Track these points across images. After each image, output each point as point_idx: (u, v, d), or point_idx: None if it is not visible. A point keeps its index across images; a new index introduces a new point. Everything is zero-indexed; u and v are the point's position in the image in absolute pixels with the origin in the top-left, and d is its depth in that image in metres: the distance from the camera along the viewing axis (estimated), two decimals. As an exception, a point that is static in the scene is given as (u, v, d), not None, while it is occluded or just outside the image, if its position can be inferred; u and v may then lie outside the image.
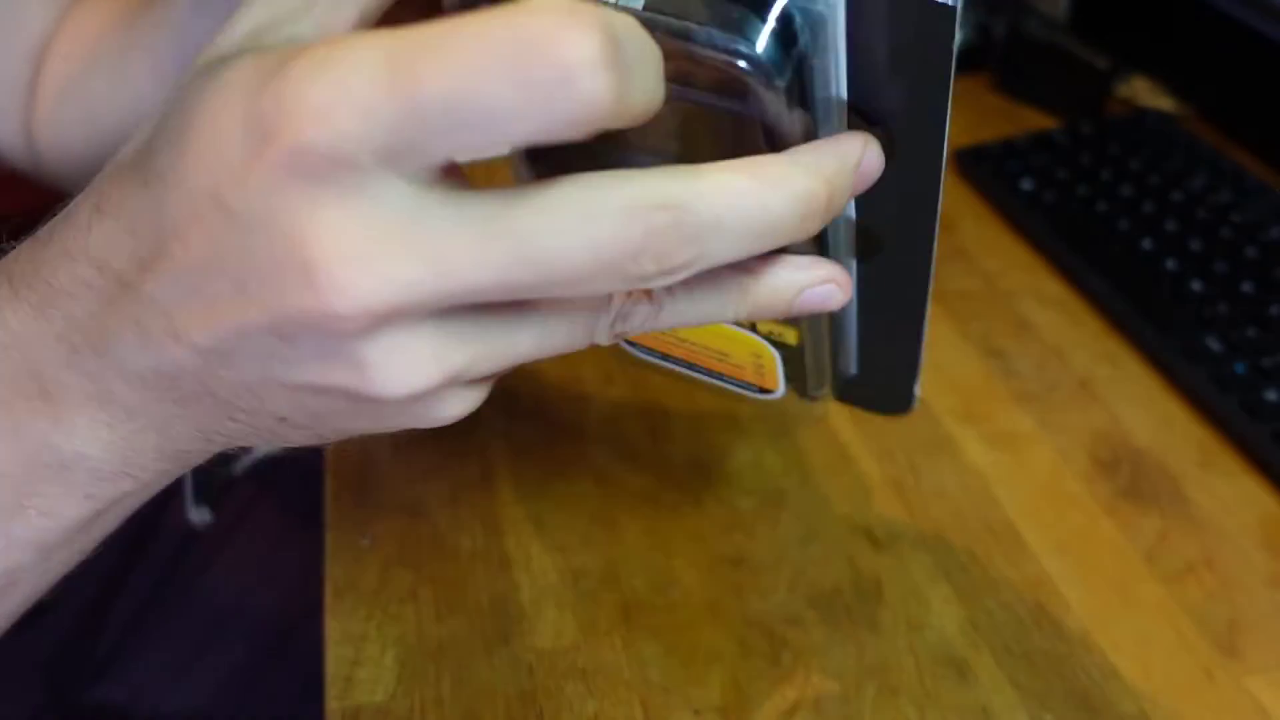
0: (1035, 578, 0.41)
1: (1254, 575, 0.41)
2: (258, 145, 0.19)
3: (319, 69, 0.19)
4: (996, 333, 0.53)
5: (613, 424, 0.48)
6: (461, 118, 0.18)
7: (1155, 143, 0.63)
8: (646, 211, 0.20)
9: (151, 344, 0.23)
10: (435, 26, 0.18)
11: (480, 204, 0.20)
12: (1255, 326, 0.51)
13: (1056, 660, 0.38)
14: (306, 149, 0.19)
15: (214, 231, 0.21)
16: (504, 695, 0.37)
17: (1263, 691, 0.37)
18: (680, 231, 0.21)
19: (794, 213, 0.22)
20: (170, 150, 0.21)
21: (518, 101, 0.18)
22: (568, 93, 0.18)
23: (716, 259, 0.22)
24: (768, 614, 0.40)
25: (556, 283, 0.20)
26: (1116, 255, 0.56)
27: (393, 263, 0.20)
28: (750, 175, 0.22)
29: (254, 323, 0.21)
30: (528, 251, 0.20)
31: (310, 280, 0.20)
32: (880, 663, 0.38)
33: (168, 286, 0.22)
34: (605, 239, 0.20)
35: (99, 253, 0.23)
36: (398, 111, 0.18)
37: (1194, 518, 0.44)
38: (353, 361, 0.21)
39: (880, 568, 0.41)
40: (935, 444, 0.47)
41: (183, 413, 0.24)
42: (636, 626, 0.39)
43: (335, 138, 0.18)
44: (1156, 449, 0.47)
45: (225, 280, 0.21)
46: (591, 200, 0.20)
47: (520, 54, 0.17)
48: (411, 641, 0.39)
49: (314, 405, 0.23)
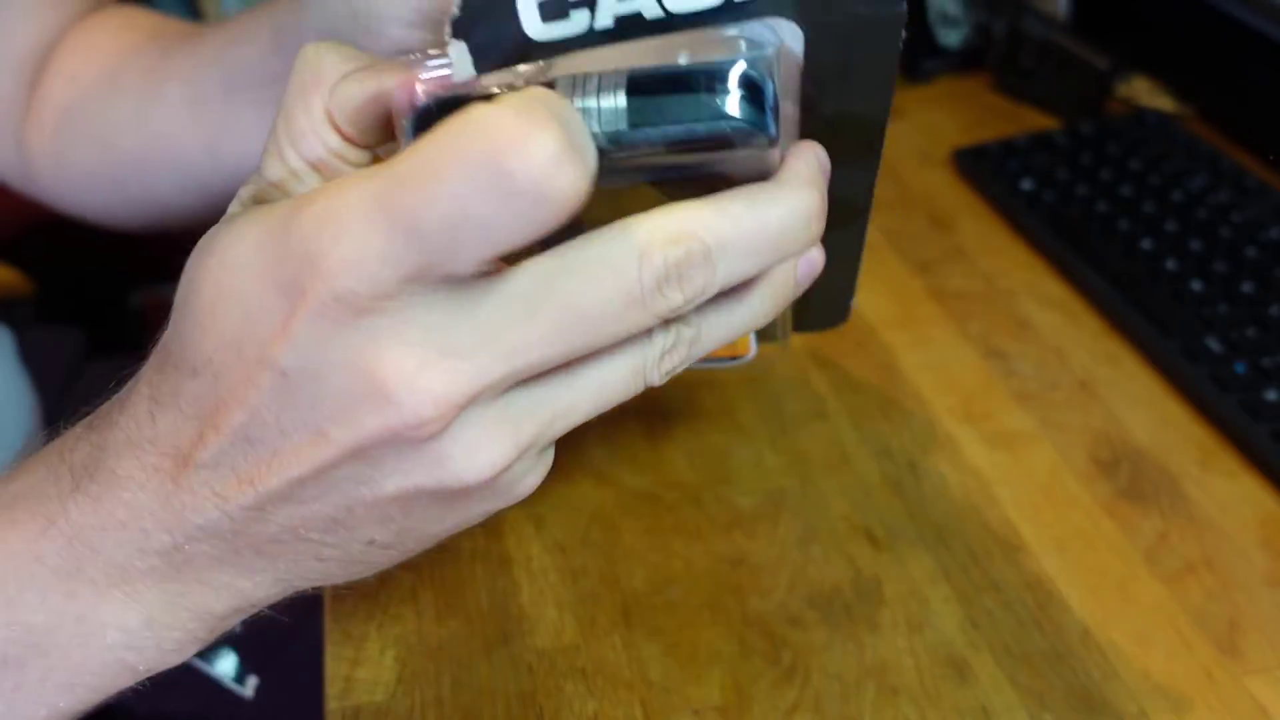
0: (1035, 577, 0.41)
1: (1254, 575, 0.41)
2: (292, 305, 0.21)
3: (325, 225, 0.20)
4: (996, 333, 0.53)
5: (612, 424, 0.48)
6: (461, 236, 0.20)
7: (1155, 143, 0.63)
8: (660, 248, 0.22)
9: (227, 505, 0.24)
10: (412, 157, 0.19)
11: (516, 281, 0.22)
12: (1255, 326, 0.51)
13: (1056, 660, 0.38)
14: (343, 295, 0.20)
15: (268, 389, 0.22)
16: (504, 695, 0.37)
17: (1263, 691, 0.37)
18: (693, 259, 0.22)
19: (796, 222, 0.24)
20: (204, 337, 0.23)
21: (504, 213, 0.19)
22: (545, 193, 0.19)
23: (735, 276, 0.24)
24: (768, 614, 0.40)
25: (601, 332, 0.22)
26: (1116, 255, 0.56)
27: (457, 358, 0.21)
28: (740, 199, 0.23)
29: (331, 455, 0.22)
30: (570, 312, 0.22)
31: (388, 399, 0.21)
32: (880, 663, 0.38)
33: (230, 448, 0.23)
34: (632, 282, 0.22)
35: (165, 440, 0.24)
36: (407, 248, 0.20)
37: (1194, 517, 0.44)
38: (435, 459, 0.23)
39: (880, 568, 0.41)
40: (935, 444, 0.47)
41: (264, 564, 0.25)
42: (636, 626, 0.39)
43: (364, 282, 0.20)
44: (1156, 449, 0.47)
45: (288, 427, 0.22)
46: (614, 251, 0.22)
47: (492, 171, 0.19)
48: (411, 641, 0.39)
49: (401, 516, 0.25)
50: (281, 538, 0.25)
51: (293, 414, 0.22)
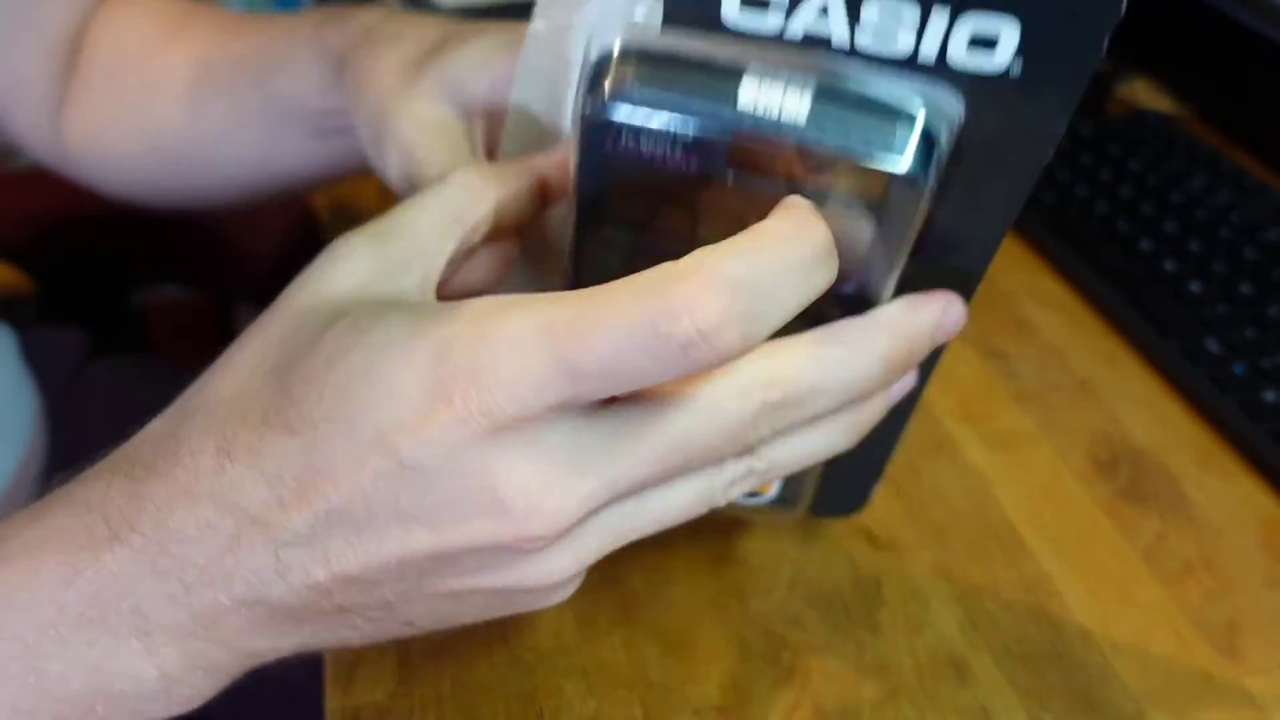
0: (1034, 578, 0.41)
1: (1253, 576, 0.41)
2: (434, 404, 0.22)
3: (493, 345, 0.22)
4: (996, 333, 0.53)
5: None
6: (611, 383, 0.22)
7: (1155, 144, 0.64)
8: (760, 390, 0.24)
9: (291, 576, 0.24)
10: (585, 300, 0.21)
11: (632, 412, 0.23)
12: (1255, 327, 0.51)
13: (1056, 660, 0.38)
14: (492, 410, 0.22)
15: (378, 475, 0.23)
16: (504, 695, 0.37)
17: (1262, 692, 0.37)
18: (787, 401, 0.24)
19: (880, 372, 0.26)
20: (318, 403, 0.23)
21: (657, 367, 0.21)
22: (696, 355, 0.21)
23: (819, 415, 0.25)
24: (768, 614, 0.40)
25: (692, 461, 0.24)
26: (1116, 256, 0.56)
27: (572, 482, 0.23)
28: (840, 344, 0.25)
29: (425, 548, 0.23)
30: (674, 444, 0.23)
31: (506, 512, 0.23)
32: (880, 663, 0.38)
33: (316, 523, 0.23)
34: (731, 420, 0.24)
35: (231, 496, 0.24)
36: (562, 381, 0.21)
37: (1193, 518, 0.44)
38: (522, 569, 0.24)
39: (880, 568, 0.41)
40: (935, 444, 0.47)
41: (298, 630, 0.25)
42: (636, 625, 0.39)
43: (515, 403, 0.22)
44: (1156, 449, 0.47)
45: (386, 516, 0.23)
46: (719, 391, 0.23)
47: (657, 331, 0.20)
48: (411, 641, 0.39)
49: (450, 605, 0.25)
50: (326, 610, 0.25)
51: (395, 505, 0.23)
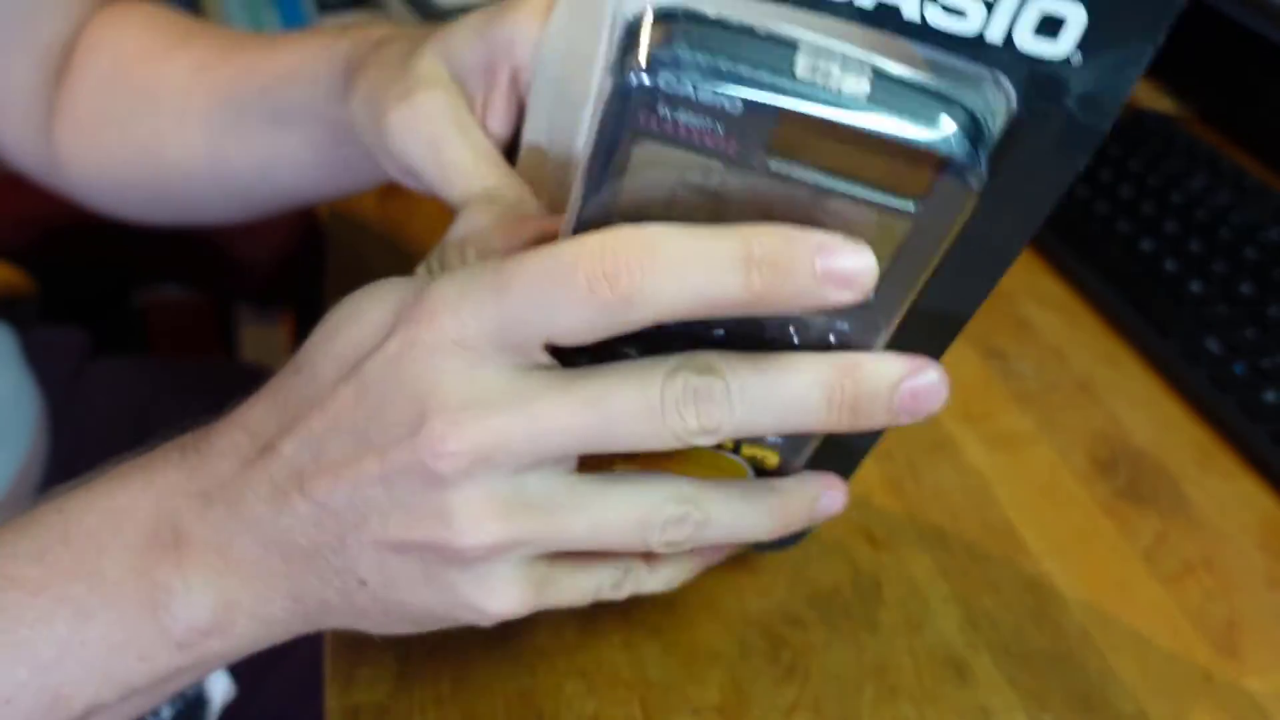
0: (1034, 578, 0.41)
1: (1253, 576, 0.41)
2: (396, 330, 0.25)
3: (450, 279, 0.25)
4: (996, 333, 0.53)
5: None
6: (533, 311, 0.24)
7: (1155, 144, 0.63)
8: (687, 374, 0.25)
9: (279, 497, 0.27)
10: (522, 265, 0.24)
11: (559, 373, 0.25)
12: (1255, 327, 0.51)
13: (1055, 660, 0.38)
14: (436, 331, 0.24)
15: (346, 397, 0.26)
16: (504, 695, 0.37)
17: (1261, 691, 0.37)
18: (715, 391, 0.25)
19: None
20: (319, 344, 0.27)
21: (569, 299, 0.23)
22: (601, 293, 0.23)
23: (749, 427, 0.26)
24: (768, 614, 0.40)
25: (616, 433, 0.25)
26: (1116, 256, 0.56)
27: (492, 414, 0.24)
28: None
29: (368, 473, 0.26)
30: (593, 406, 0.25)
31: (422, 424, 0.25)
32: (879, 663, 0.38)
33: (301, 447, 0.27)
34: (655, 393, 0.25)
35: (254, 424, 0.28)
36: (495, 307, 0.24)
37: (1193, 518, 0.44)
38: (439, 509, 0.25)
39: (880, 568, 0.41)
40: (935, 444, 0.47)
41: (286, 571, 0.28)
42: (636, 626, 0.39)
43: (458, 324, 0.24)
44: (1156, 449, 0.47)
45: (350, 438, 0.26)
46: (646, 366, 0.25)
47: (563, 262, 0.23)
48: (411, 641, 0.39)
49: (393, 567, 0.27)
50: (303, 548, 0.27)
51: (357, 428, 0.26)
